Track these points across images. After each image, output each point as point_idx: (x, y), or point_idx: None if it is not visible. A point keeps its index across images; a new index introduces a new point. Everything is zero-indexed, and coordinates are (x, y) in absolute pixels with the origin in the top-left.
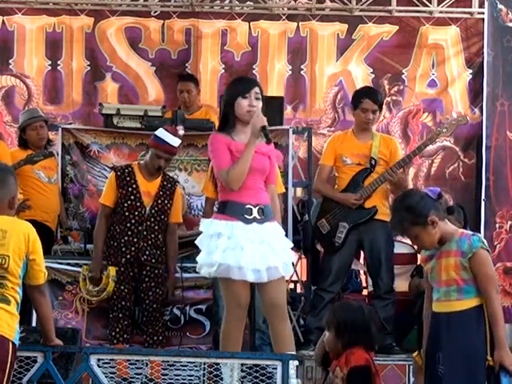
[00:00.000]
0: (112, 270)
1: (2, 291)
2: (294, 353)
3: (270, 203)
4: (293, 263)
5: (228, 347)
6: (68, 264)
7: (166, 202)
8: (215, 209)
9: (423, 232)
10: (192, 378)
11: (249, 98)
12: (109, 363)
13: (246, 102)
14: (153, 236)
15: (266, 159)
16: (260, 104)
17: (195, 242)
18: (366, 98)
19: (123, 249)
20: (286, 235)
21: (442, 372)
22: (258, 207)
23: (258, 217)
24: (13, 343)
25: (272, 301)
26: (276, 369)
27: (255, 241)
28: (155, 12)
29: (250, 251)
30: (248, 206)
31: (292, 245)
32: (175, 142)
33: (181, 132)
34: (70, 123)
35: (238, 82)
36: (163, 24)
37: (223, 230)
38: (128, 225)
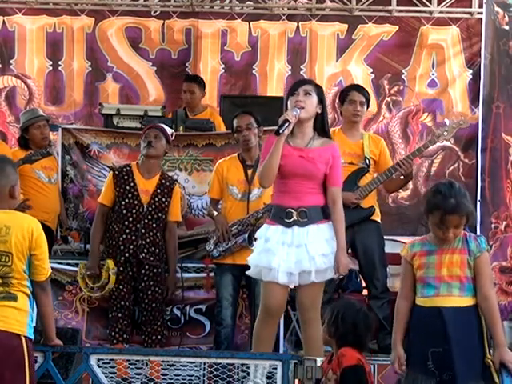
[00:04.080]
0: (110, 264)
1: (8, 289)
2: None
3: (320, 205)
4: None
5: (258, 347)
6: (68, 264)
7: (163, 199)
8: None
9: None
10: (192, 378)
11: (297, 94)
12: (109, 363)
13: (293, 99)
14: (151, 234)
15: (314, 164)
16: (311, 99)
17: None
18: (353, 91)
19: (121, 247)
20: None
21: (432, 369)
22: (299, 210)
23: (300, 219)
24: (26, 337)
25: (300, 304)
26: (276, 369)
27: (293, 244)
28: (155, 12)
29: (285, 254)
30: (288, 210)
31: (335, 249)
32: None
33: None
34: (72, 123)
35: (291, 85)
36: (163, 24)
37: (263, 233)
38: (126, 223)
